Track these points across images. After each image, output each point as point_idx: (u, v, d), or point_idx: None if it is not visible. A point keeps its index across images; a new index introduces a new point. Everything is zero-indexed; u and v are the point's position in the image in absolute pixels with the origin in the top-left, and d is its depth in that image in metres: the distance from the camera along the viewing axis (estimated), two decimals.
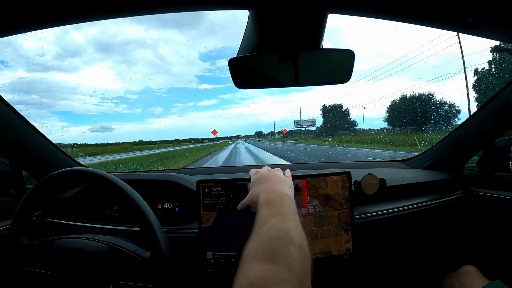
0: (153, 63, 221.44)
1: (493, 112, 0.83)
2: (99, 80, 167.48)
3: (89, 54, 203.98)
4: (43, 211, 0.85)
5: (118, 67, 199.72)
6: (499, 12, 0.46)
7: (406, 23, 0.51)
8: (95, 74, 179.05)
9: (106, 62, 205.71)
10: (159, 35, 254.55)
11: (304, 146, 16.89)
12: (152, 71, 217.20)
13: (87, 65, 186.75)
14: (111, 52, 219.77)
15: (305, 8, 0.47)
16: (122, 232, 0.75)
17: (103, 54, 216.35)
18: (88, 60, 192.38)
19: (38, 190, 0.59)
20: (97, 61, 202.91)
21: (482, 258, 0.87)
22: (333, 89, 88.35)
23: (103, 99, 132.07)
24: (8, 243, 0.58)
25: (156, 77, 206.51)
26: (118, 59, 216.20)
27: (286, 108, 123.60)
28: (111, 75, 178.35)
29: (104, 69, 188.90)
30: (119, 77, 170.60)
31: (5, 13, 0.44)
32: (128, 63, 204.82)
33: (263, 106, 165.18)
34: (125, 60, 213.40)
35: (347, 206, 0.74)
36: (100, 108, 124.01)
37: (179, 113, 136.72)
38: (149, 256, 0.52)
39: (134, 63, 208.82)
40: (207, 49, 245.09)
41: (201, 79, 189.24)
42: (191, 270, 0.73)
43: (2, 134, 0.78)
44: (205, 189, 0.72)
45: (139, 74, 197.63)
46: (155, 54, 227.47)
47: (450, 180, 0.96)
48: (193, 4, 0.48)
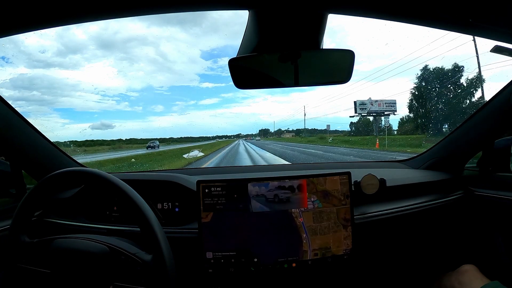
0: (155, 60, 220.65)
1: (493, 112, 0.83)
2: (101, 77, 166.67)
3: (90, 51, 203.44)
4: (43, 211, 0.85)
5: (119, 64, 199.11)
6: (499, 12, 0.46)
7: (406, 23, 0.51)
8: (97, 71, 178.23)
9: (107, 59, 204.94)
10: (161, 32, 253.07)
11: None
12: (153, 69, 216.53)
13: (89, 62, 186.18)
14: (113, 49, 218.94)
15: (305, 8, 0.47)
16: (122, 233, 0.75)
17: (104, 51, 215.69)
18: (89, 57, 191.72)
19: (38, 190, 0.59)
20: (99, 58, 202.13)
21: (482, 258, 0.87)
22: (334, 89, 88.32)
23: (104, 96, 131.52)
24: (9, 242, 0.58)
25: (157, 75, 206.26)
26: (120, 56, 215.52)
27: (287, 108, 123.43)
28: (112, 72, 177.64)
29: (106, 66, 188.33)
30: (121, 75, 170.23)
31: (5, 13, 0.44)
32: (129, 60, 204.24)
33: (264, 106, 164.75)
34: (127, 58, 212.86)
35: (345, 202, 0.75)
36: (101, 106, 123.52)
37: (180, 111, 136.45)
38: (150, 260, 0.52)
39: (135, 61, 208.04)
40: (209, 47, 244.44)
41: (202, 77, 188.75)
42: (191, 270, 0.73)
43: (2, 134, 0.78)
44: (205, 189, 0.72)
45: (141, 72, 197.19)
46: (157, 52, 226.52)
47: (450, 180, 0.96)
48: (193, 4, 0.48)
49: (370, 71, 35.06)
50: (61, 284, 0.53)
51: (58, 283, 0.54)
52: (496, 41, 0.56)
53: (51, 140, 0.91)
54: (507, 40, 0.55)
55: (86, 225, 0.81)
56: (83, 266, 0.53)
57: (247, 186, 0.72)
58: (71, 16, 0.48)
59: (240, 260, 0.71)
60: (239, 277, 0.74)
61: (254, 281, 0.77)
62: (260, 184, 0.73)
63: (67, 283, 0.53)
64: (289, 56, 0.56)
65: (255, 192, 0.72)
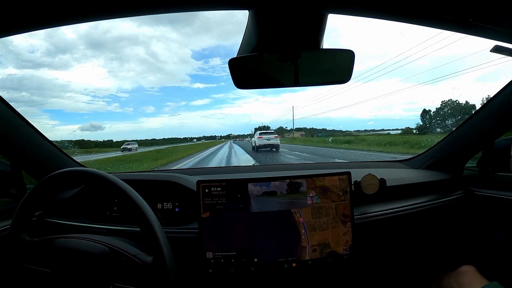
0: (146, 60, 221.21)
1: (493, 112, 0.83)
2: (91, 78, 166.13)
3: (80, 51, 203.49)
4: (43, 211, 0.85)
5: (109, 64, 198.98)
6: (499, 12, 0.46)
7: (406, 23, 0.51)
8: (86, 72, 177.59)
9: (97, 59, 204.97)
10: (152, 31, 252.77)
11: None
12: (144, 69, 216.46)
13: (78, 62, 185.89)
14: (103, 48, 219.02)
15: (305, 8, 0.47)
16: (122, 233, 0.75)
17: (94, 50, 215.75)
18: (79, 57, 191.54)
19: (38, 190, 0.59)
20: (88, 58, 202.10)
21: (482, 258, 0.87)
22: (323, 89, 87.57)
23: (95, 97, 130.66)
24: (9, 241, 0.58)
25: (148, 75, 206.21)
26: (110, 56, 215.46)
27: (279, 108, 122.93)
28: (102, 72, 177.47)
29: (95, 66, 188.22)
30: (111, 75, 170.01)
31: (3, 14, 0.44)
32: (120, 60, 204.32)
33: (256, 107, 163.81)
34: (117, 58, 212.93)
35: (344, 198, 0.75)
36: (92, 107, 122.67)
37: (171, 112, 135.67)
38: (151, 261, 0.52)
39: (126, 61, 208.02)
40: (200, 47, 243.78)
41: (194, 78, 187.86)
42: (191, 270, 0.73)
43: (2, 134, 0.78)
44: (205, 189, 0.72)
45: (132, 72, 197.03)
46: (148, 52, 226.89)
47: (450, 180, 0.96)
48: (192, 4, 0.48)
49: (361, 71, 35.04)
50: (61, 283, 0.53)
51: (58, 282, 0.54)
52: (496, 41, 0.56)
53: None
54: (507, 40, 0.55)
55: (86, 225, 0.81)
56: (83, 266, 0.53)
57: (247, 186, 0.72)
58: (63, 18, 0.47)
59: (240, 260, 0.71)
60: (239, 277, 0.74)
61: (254, 281, 0.77)
62: (261, 184, 0.73)
63: (67, 283, 0.53)
64: (289, 56, 0.56)
65: (255, 192, 0.72)
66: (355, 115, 75.24)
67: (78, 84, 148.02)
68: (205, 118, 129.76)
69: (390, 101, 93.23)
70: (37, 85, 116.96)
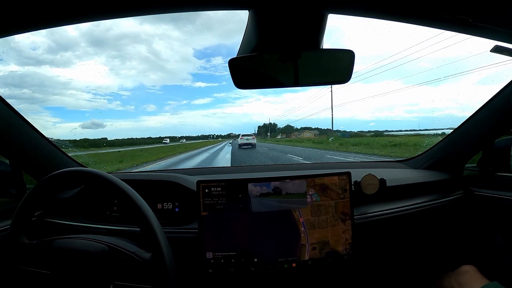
0: (147, 59, 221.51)
1: (493, 112, 0.83)
2: (92, 76, 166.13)
3: (81, 48, 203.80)
4: (43, 211, 0.85)
5: (111, 62, 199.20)
6: (499, 12, 0.46)
7: (406, 23, 0.51)
8: (88, 69, 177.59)
9: (99, 57, 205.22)
10: (154, 30, 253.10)
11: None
12: (146, 68, 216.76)
13: (80, 60, 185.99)
14: (105, 46, 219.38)
15: (305, 8, 0.47)
16: (121, 233, 0.75)
17: (96, 48, 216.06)
18: (80, 55, 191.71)
19: (38, 190, 0.59)
20: (90, 56, 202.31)
21: (482, 258, 0.87)
22: (319, 90, 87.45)
23: (96, 95, 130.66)
24: (8, 243, 0.58)
25: (150, 73, 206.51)
26: (112, 54, 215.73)
27: (280, 108, 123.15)
28: (104, 70, 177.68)
29: (97, 64, 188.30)
30: (113, 73, 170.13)
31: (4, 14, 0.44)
32: (121, 58, 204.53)
33: (257, 106, 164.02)
34: (119, 55, 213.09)
35: (344, 196, 0.75)
36: (93, 104, 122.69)
37: (173, 111, 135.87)
38: (150, 258, 0.52)
39: (127, 59, 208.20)
40: (202, 46, 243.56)
41: (195, 76, 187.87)
42: (191, 270, 0.73)
43: (2, 134, 0.78)
44: (205, 189, 0.72)
45: (133, 70, 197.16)
46: (150, 50, 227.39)
47: (450, 180, 0.96)
48: (192, 4, 0.48)
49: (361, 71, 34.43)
50: (62, 284, 0.53)
51: (58, 284, 0.54)
52: (496, 41, 0.56)
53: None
54: (507, 40, 0.55)
55: (86, 225, 0.81)
56: (83, 266, 0.53)
57: (247, 186, 0.72)
58: (65, 18, 0.48)
59: (240, 260, 0.71)
60: (239, 277, 0.74)
61: (254, 281, 0.77)
62: (261, 184, 0.73)
63: (67, 283, 0.53)
64: (289, 56, 0.56)
65: (255, 192, 0.72)
66: (357, 116, 75.12)
67: (80, 81, 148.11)
68: (207, 117, 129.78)
69: (391, 102, 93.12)
70: (38, 82, 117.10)
